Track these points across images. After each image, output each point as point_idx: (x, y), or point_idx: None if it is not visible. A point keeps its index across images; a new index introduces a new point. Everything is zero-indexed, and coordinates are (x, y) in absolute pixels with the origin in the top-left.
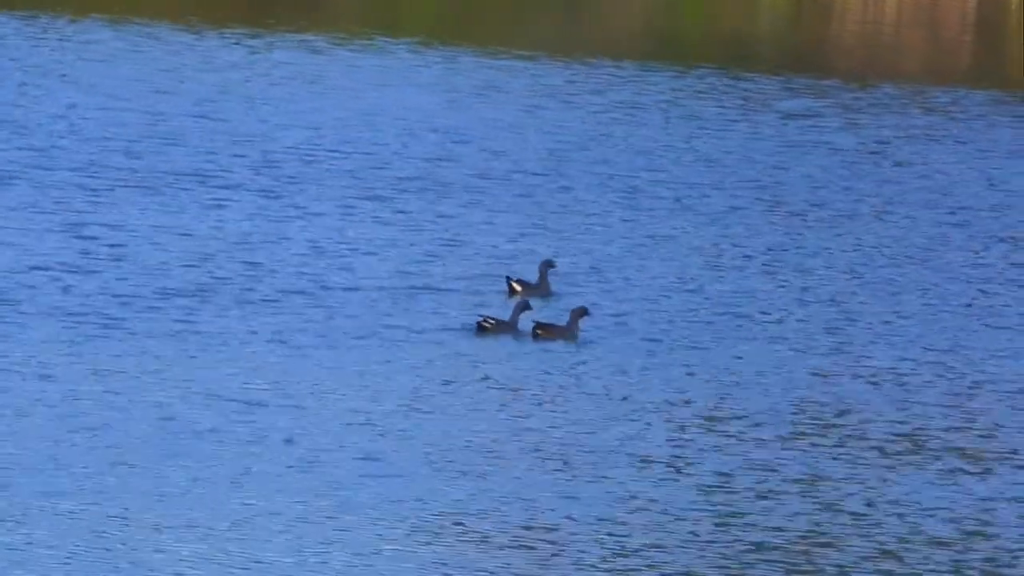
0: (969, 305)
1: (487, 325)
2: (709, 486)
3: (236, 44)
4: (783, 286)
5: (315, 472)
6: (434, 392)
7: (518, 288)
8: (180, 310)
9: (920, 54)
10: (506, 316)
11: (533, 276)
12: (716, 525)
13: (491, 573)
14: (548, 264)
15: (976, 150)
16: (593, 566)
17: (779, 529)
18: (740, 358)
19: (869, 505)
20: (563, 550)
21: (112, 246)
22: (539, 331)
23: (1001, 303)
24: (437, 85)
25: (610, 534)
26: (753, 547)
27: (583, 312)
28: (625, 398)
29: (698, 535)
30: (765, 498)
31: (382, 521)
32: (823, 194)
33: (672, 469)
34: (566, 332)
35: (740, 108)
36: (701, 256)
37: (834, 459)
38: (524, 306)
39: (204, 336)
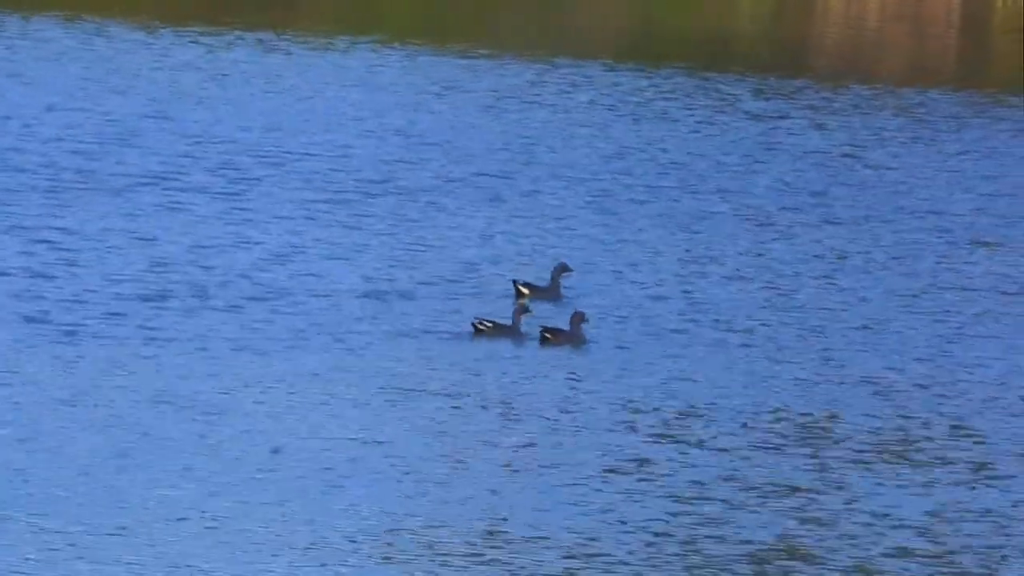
0: (947, 312)
1: (482, 328)
2: (681, 496)
3: (193, 43)
4: (755, 292)
5: (279, 480)
6: (398, 399)
7: (525, 291)
8: (139, 316)
9: (902, 53)
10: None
11: (501, 280)
12: (689, 535)
13: None
14: (563, 268)
15: (949, 152)
16: None
17: (749, 541)
18: (714, 365)
19: (846, 515)
20: (531, 562)
21: (67, 251)
22: (547, 335)
23: (977, 310)
24: (400, 85)
25: (580, 544)
26: (727, 558)
27: (582, 317)
28: (592, 406)
29: (671, 545)
30: (740, 508)
31: (349, 531)
32: (793, 198)
33: (642, 480)
34: (573, 337)
35: (709, 109)
36: (671, 261)
37: (810, 468)
38: (524, 309)
39: (163, 342)
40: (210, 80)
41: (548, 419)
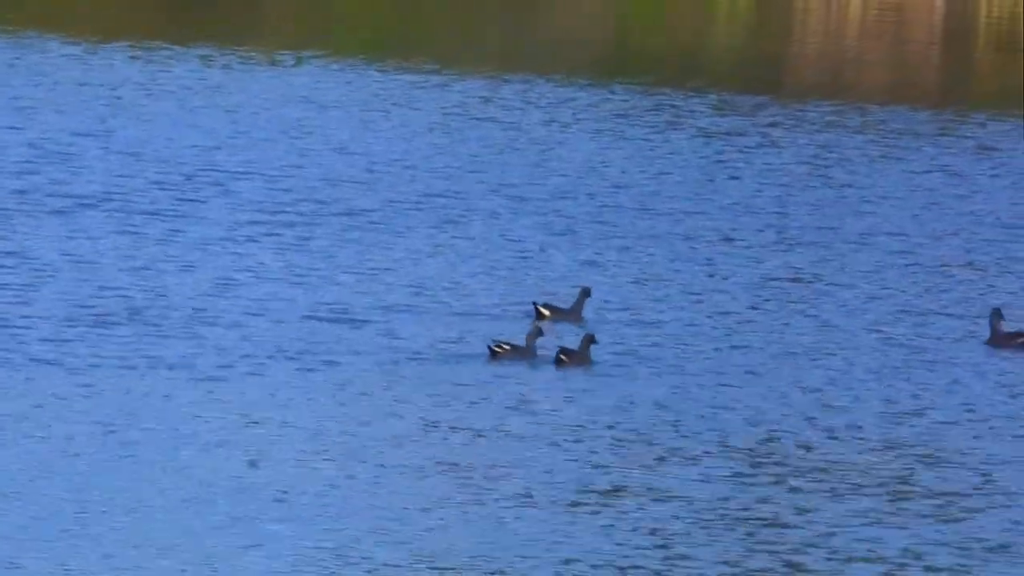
0: (912, 336)
1: (499, 350)
2: (650, 527)
3: (133, 59)
4: (710, 316)
5: (218, 506)
6: (361, 426)
7: (546, 312)
8: (81, 341)
9: (879, 70)
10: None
11: (459, 302)
12: (657, 569)
13: None
14: (585, 292)
15: (915, 171)
16: None
17: (727, 563)
18: (669, 388)
19: (821, 547)
20: None
21: (5, 273)
22: (563, 357)
23: (935, 334)
24: (349, 103)
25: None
26: None
27: (591, 339)
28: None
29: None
30: (706, 528)
31: (304, 562)
32: (751, 219)
33: (611, 509)
34: (582, 359)
35: (664, 126)
36: (627, 283)
37: (782, 498)
38: (538, 332)
39: (108, 368)
40: (151, 97)
41: (505, 442)
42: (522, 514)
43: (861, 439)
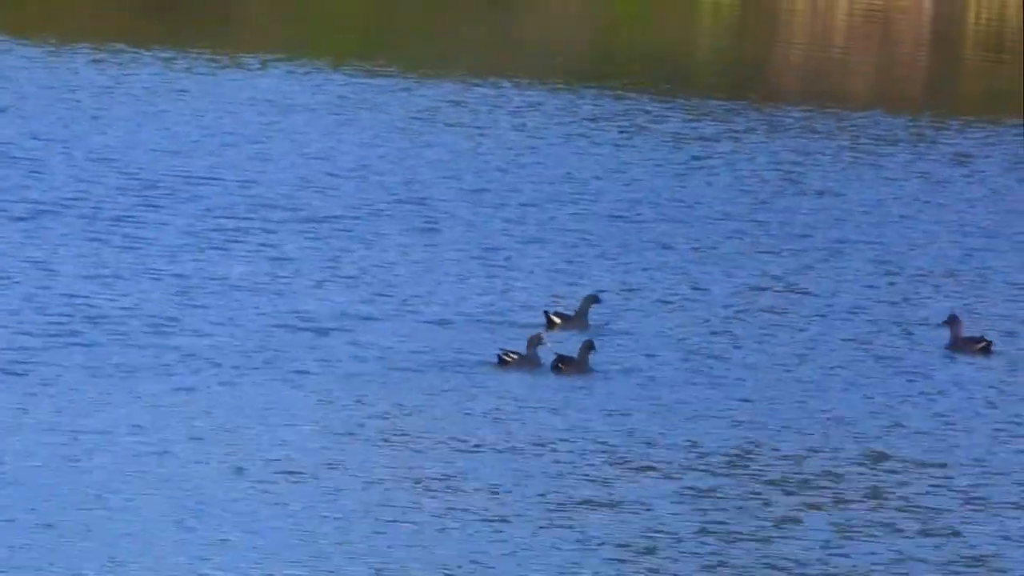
0: (888, 348)
1: (508, 359)
2: (623, 543)
3: (95, 62)
4: (686, 323)
5: (185, 517)
6: (325, 432)
7: (557, 321)
8: (42, 350)
9: (864, 74)
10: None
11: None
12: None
13: None
14: (593, 299)
15: (892, 178)
16: None
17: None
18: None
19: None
20: None
21: None
22: (561, 365)
23: (905, 342)
24: (317, 107)
25: None
26: None
27: (590, 346)
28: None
29: None
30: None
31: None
32: (725, 226)
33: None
34: (581, 366)
35: (642, 130)
36: (603, 291)
37: (732, 509)
38: (538, 340)
39: (66, 377)
40: (114, 101)
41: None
42: (492, 528)
43: (836, 449)
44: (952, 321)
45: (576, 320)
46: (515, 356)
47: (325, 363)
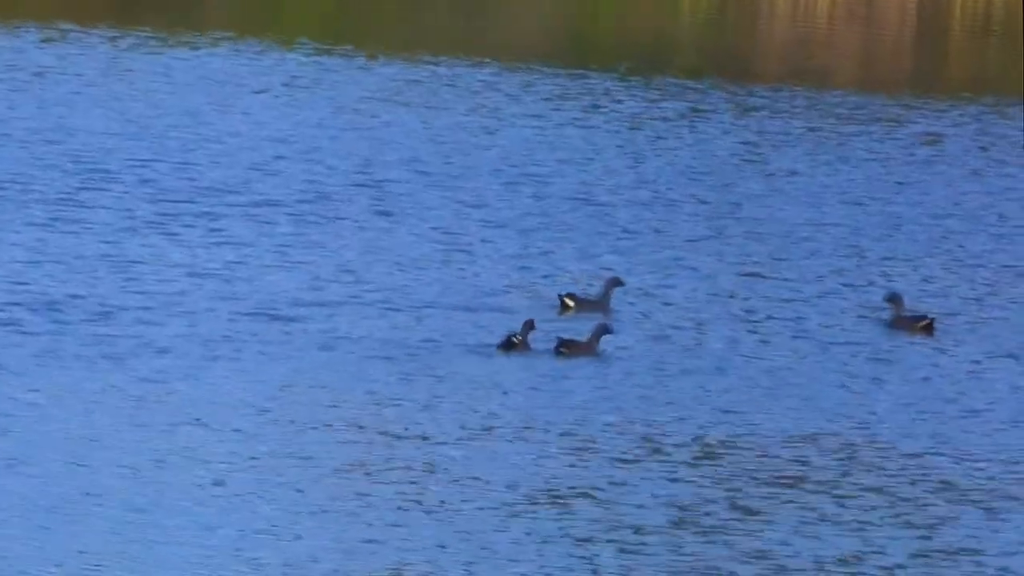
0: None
1: (515, 341)
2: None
3: (42, 41)
4: (645, 311)
5: (147, 507)
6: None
7: (571, 304)
8: None
9: (846, 55)
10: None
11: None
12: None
13: None
14: (615, 282)
15: (859, 159)
16: None
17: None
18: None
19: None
20: None
21: None
22: (563, 349)
23: (852, 323)
24: (270, 87)
25: None
26: None
27: (604, 329)
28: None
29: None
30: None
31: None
32: (685, 208)
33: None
34: (589, 349)
35: (589, 110)
36: (564, 277)
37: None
38: (531, 325)
39: (11, 366)
40: (58, 81)
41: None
42: (458, 516)
43: (791, 435)
44: (893, 299)
45: (599, 304)
46: (519, 339)
47: (282, 350)
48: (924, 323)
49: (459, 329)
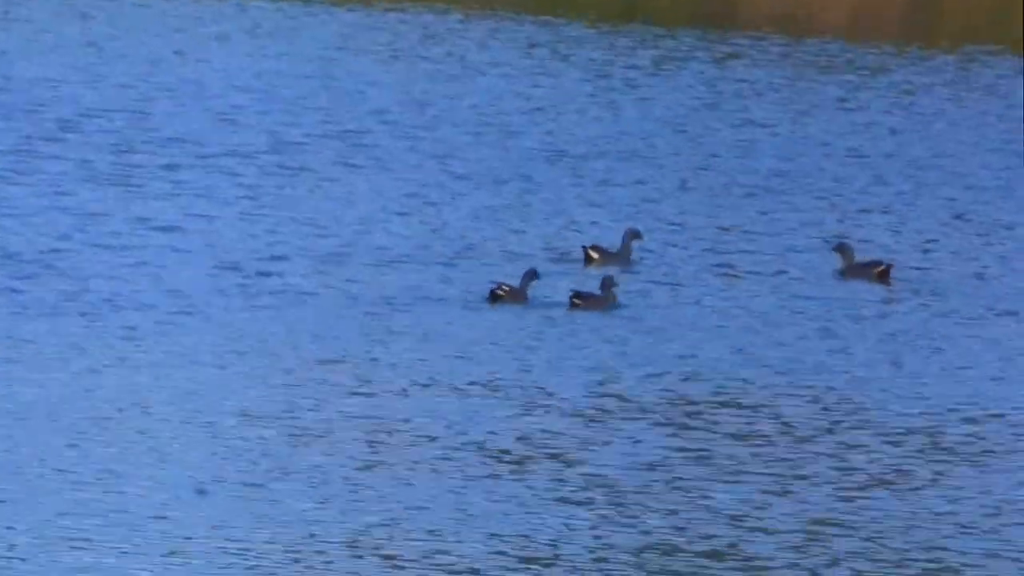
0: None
1: (501, 293)
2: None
3: None
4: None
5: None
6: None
7: (595, 256)
8: None
9: (840, 5)
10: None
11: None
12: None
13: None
14: (634, 234)
15: (817, 106)
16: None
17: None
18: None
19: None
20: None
21: None
22: (577, 301)
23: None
24: (231, 35)
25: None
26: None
27: (612, 281)
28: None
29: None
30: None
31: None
32: (649, 161)
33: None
34: (604, 302)
35: (560, 59)
36: (529, 230)
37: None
38: (532, 275)
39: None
40: (8, 27)
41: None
42: (433, 476)
43: (765, 392)
44: (841, 249)
45: (619, 255)
46: (507, 289)
47: (246, 304)
48: (880, 269)
49: (425, 283)
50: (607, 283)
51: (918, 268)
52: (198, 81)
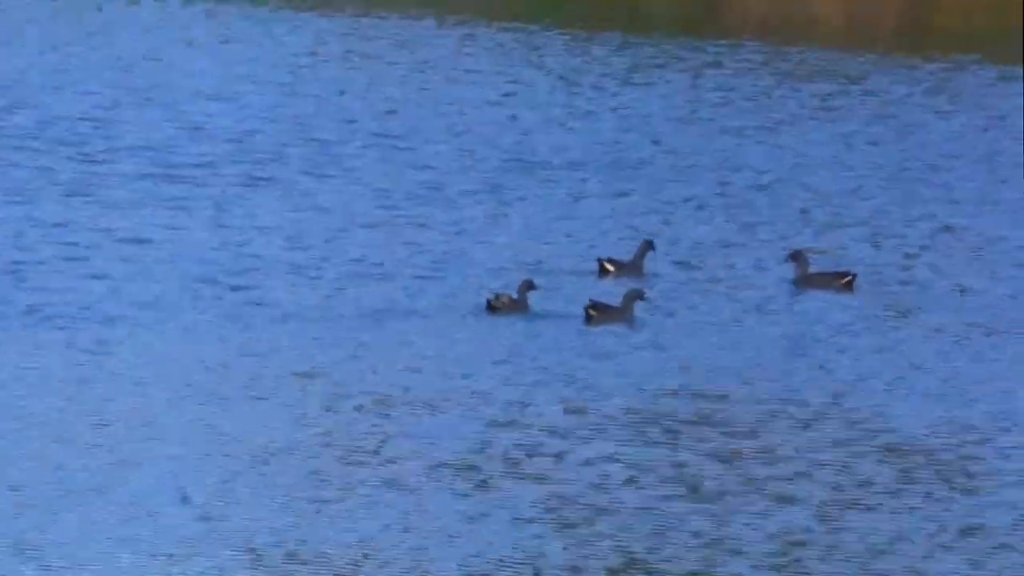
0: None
1: (499, 304)
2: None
3: None
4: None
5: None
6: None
7: (611, 268)
8: None
9: (829, 12)
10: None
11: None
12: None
13: None
14: (648, 245)
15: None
16: None
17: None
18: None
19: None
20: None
21: None
22: (593, 312)
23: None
24: (205, 41)
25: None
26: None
27: (637, 295)
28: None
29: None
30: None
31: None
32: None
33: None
34: (623, 315)
35: (534, 67)
36: (497, 238)
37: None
38: (529, 285)
39: None
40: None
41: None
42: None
43: (751, 406)
44: (796, 257)
45: (632, 267)
46: (506, 300)
47: (214, 317)
48: (846, 279)
49: (398, 294)
50: (631, 296)
51: (901, 282)
52: (166, 87)
